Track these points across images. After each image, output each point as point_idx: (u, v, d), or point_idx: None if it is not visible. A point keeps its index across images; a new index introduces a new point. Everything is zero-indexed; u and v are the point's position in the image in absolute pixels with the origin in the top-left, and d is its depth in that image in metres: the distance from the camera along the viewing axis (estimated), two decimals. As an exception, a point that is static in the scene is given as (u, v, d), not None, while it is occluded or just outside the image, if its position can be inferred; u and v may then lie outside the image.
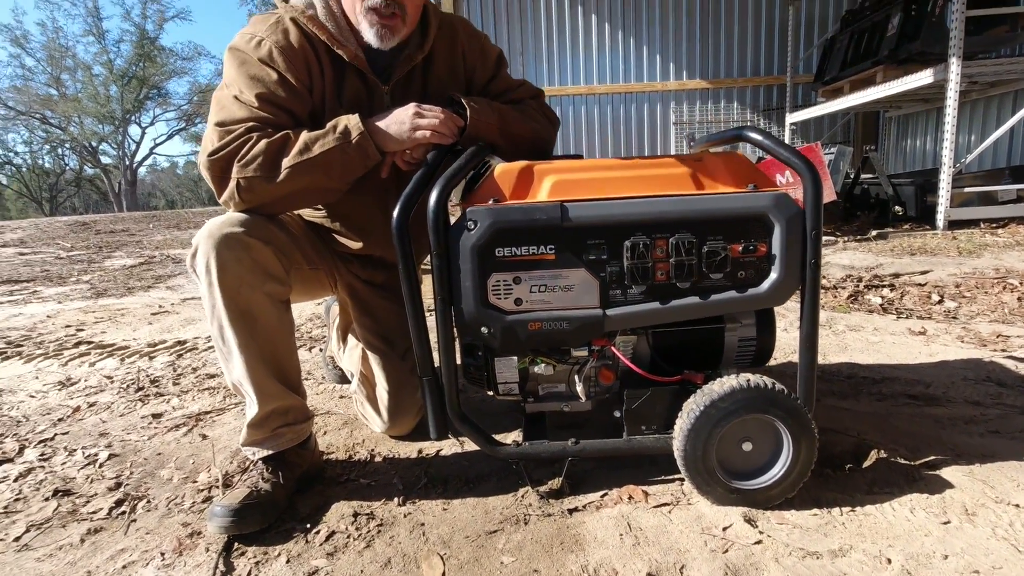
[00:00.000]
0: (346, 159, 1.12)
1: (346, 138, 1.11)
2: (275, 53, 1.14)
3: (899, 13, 4.44)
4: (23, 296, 3.83)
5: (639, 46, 7.14)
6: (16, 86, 26.22)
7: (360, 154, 1.12)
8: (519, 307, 1.09)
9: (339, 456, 1.42)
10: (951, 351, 1.96)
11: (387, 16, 1.17)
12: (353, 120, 1.13)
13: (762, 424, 1.07)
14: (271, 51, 1.14)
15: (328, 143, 1.10)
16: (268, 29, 1.16)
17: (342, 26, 1.21)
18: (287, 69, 1.14)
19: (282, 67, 1.14)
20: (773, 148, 1.09)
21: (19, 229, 8.86)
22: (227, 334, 1.12)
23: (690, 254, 1.06)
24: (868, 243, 3.96)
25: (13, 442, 1.61)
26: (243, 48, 1.15)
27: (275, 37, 1.15)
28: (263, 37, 1.15)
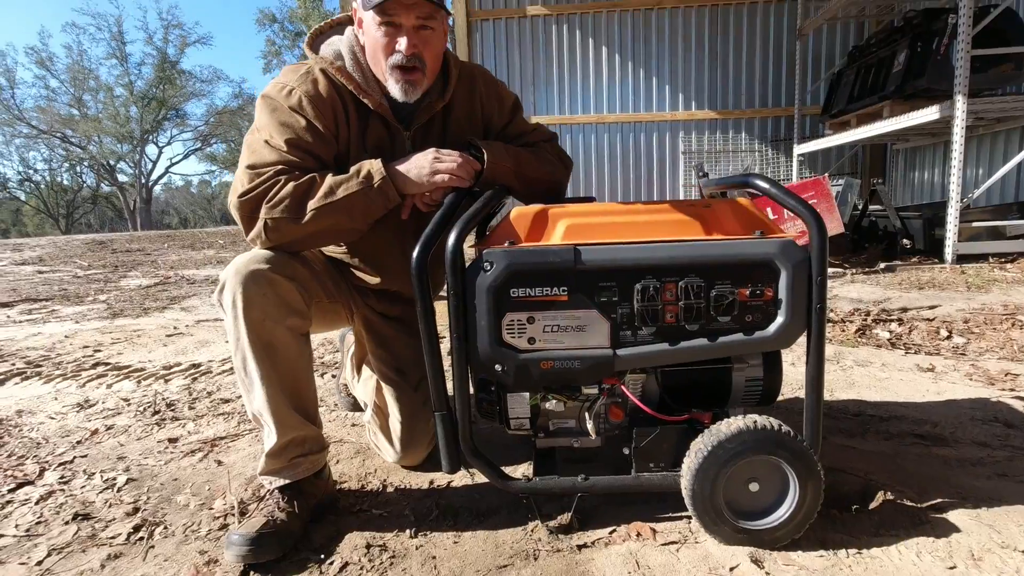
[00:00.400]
0: (368, 202, 1.17)
1: (369, 182, 1.17)
2: (304, 101, 1.20)
3: (905, 50, 4.52)
4: (42, 315, 3.91)
5: (648, 76, 7.28)
6: (40, 106, 26.97)
7: (381, 197, 1.18)
8: (532, 346, 1.12)
9: (352, 485, 1.44)
10: (959, 389, 1.97)
11: (409, 71, 1.23)
12: (376, 165, 1.18)
13: (769, 465, 1.09)
14: (301, 100, 1.20)
15: (352, 187, 1.15)
16: (299, 79, 1.23)
17: (368, 76, 1.28)
18: (315, 116, 1.21)
19: (311, 114, 1.20)
20: (780, 197, 1.14)
21: (38, 247, 9.03)
22: (250, 366, 1.16)
23: (699, 297, 1.10)
24: (876, 276, 3.98)
25: (34, 464, 1.65)
26: (275, 96, 1.21)
27: (305, 87, 1.22)
28: (294, 87, 1.21)
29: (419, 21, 1.21)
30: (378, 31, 1.21)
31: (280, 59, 26.90)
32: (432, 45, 1.25)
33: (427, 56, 1.25)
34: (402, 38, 1.21)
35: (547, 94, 7.46)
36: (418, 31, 1.22)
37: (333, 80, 1.26)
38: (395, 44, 1.21)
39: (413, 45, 1.21)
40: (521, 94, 7.45)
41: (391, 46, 1.22)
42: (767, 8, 7.08)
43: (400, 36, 1.21)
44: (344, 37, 1.33)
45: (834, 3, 5.81)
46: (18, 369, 2.60)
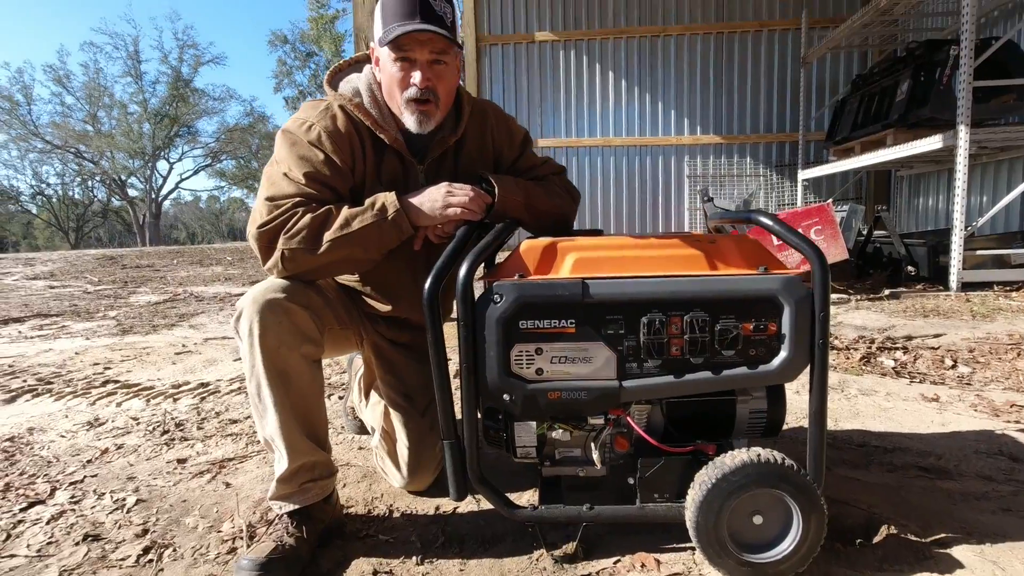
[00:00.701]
0: (382, 233, 1.21)
1: (383, 215, 1.20)
2: (323, 136, 1.25)
3: (908, 80, 4.58)
4: (52, 331, 3.95)
5: (654, 101, 7.39)
6: (55, 122, 27.47)
7: (395, 229, 1.22)
8: (540, 376, 1.14)
9: (358, 510, 1.46)
10: (964, 421, 1.97)
11: (423, 103, 1.28)
12: (390, 198, 1.22)
13: (772, 498, 1.11)
14: (320, 135, 1.25)
15: (367, 219, 1.19)
16: (319, 115, 1.27)
17: (384, 112, 1.33)
18: (333, 151, 1.25)
19: (329, 149, 1.25)
20: (783, 233, 1.17)
21: (49, 262, 9.14)
22: (264, 392, 1.19)
23: (703, 331, 1.12)
24: (881, 303, 3.99)
25: (44, 483, 1.67)
26: (295, 131, 1.26)
27: (324, 122, 1.26)
28: (313, 122, 1.26)
29: (432, 56, 1.26)
30: (393, 66, 1.26)
31: (291, 79, 27.41)
32: (445, 79, 1.30)
33: (440, 90, 1.29)
34: (416, 72, 1.26)
35: (554, 117, 7.57)
36: (432, 65, 1.27)
37: (351, 116, 1.31)
38: (410, 78, 1.26)
39: (427, 79, 1.26)
40: (529, 117, 7.58)
41: (406, 80, 1.27)
42: (771, 36, 7.21)
43: (414, 71, 1.26)
44: (362, 75, 1.38)
45: (837, 33, 5.91)
46: (29, 386, 2.63)
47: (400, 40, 1.22)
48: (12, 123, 26.80)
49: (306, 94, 27.01)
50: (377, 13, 1.30)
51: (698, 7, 7.22)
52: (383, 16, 1.26)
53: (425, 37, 1.23)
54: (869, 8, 5.17)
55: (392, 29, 1.22)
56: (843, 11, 6.99)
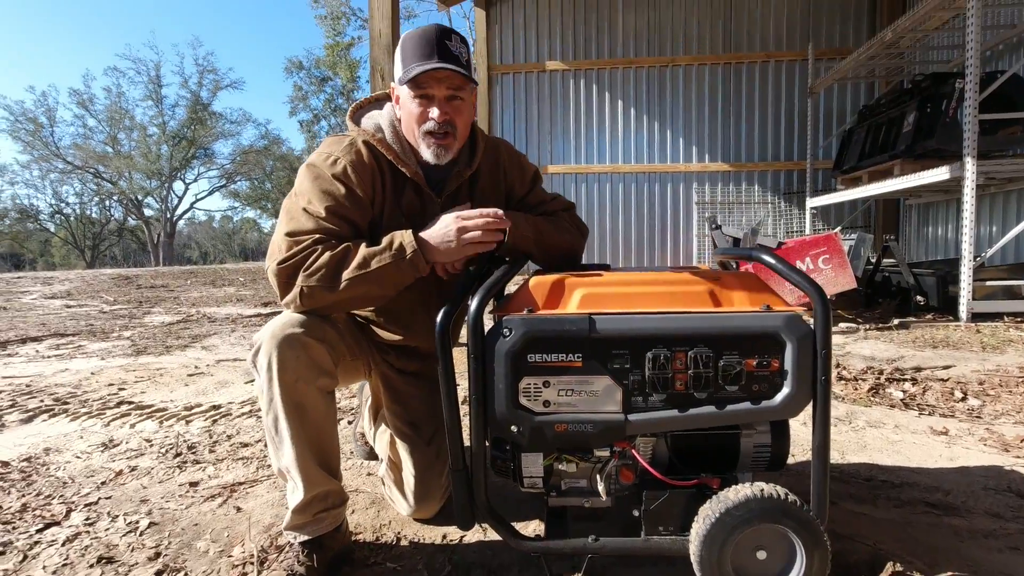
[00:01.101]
0: (400, 272, 1.25)
1: (401, 254, 1.24)
2: (348, 170, 1.31)
3: (914, 111, 4.64)
4: (69, 350, 4.03)
5: (663, 129, 7.49)
6: (76, 143, 28.18)
7: (412, 268, 1.26)
8: (547, 409, 1.17)
9: (367, 537, 1.48)
10: (973, 455, 1.96)
11: (442, 136, 1.34)
12: (407, 237, 1.26)
13: (776, 534, 1.12)
14: (345, 168, 1.31)
15: (385, 259, 1.23)
16: (343, 149, 1.34)
17: (405, 147, 1.39)
18: (357, 184, 1.31)
19: (353, 182, 1.30)
20: (785, 272, 1.20)
21: (67, 281, 9.31)
22: (281, 425, 1.22)
23: (707, 367, 1.15)
24: (890, 332, 3.98)
25: (60, 504, 1.70)
26: (319, 165, 1.32)
27: (349, 157, 1.32)
28: (339, 156, 1.32)
29: (450, 92, 1.33)
30: (413, 103, 1.33)
31: (306, 103, 27.98)
32: (463, 113, 1.37)
33: (458, 123, 1.36)
34: (434, 108, 1.32)
35: (564, 144, 7.68)
36: (449, 101, 1.34)
37: (374, 150, 1.37)
38: (428, 113, 1.33)
39: (445, 113, 1.33)
40: (539, 144, 7.70)
41: (424, 115, 1.33)
42: (779, 66, 7.32)
43: (432, 106, 1.32)
44: (383, 112, 1.44)
45: (844, 65, 6.00)
46: (46, 406, 2.68)
47: (419, 78, 1.29)
48: (35, 144, 27.54)
49: (320, 118, 27.58)
50: (397, 55, 1.37)
51: (706, 38, 7.37)
52: (403, 57, 1.33)
53: (443, 75, 1.30)
54: (874, 41, 5.26)
55: (411, 68, 1.29)
56: (849, 43, 7.10)
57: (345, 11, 23.35)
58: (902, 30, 4.90)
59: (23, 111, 27.19)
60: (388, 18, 3.63)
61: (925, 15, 4.60)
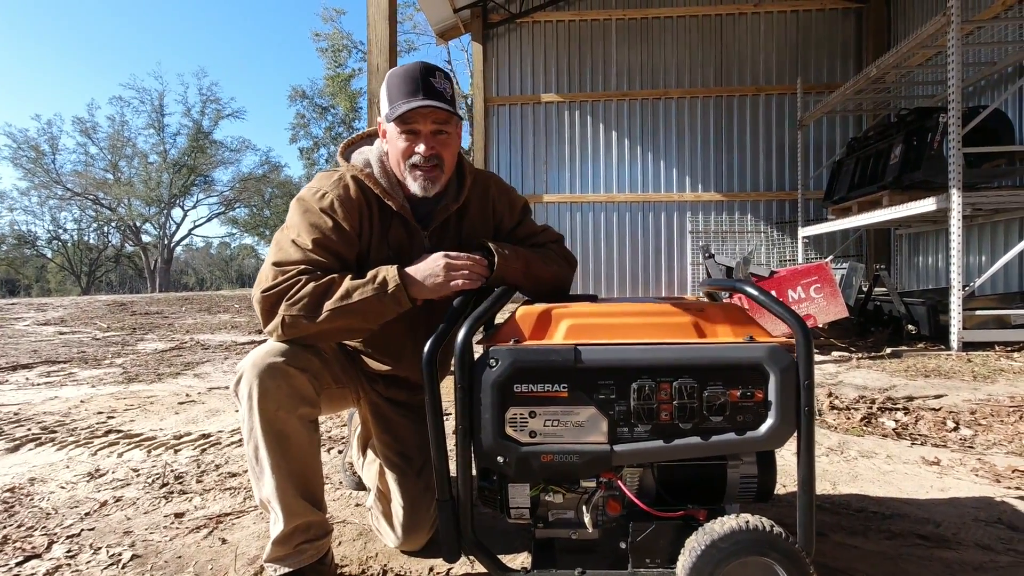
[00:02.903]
0: (382, 307, 1.25)
1: (383, 289, 1.24)
2: (336, 204, 1.33)
3: (901, 144, 4.74)
4: (59, 378, 4.00)
5: (656, 159, 7.62)
6: (77, 170, 28.42)
7: (394, 303, 1.26)
8: (533, 439, 1.18)
9: (352, 570, 1.46)
10: (964, 486, 1.96)
11: (428, 169, 1.37)
12: (391, 272, 1.27)
13: (762, 566, 1.11)
14: (332, 202, 1.33)
15: (367, 292, 1.24)
16: (332, 184, 1.36)
17: (392, 182, 1.42)
18: (344, 218, 1.33)
19: (340, 216, 1.33)
20: (768, 304, 1.22)
21: (61, 307, 9.28)
22: (261, 455, 1.22)
23: (692, 398, 1.16)
24: (882, 361, 3.99)
25: (42, 536, 1.68)
26: (308, 199, 1.35)
27: (337, 191, 1.35)
28: (327, 191, 1.35)
29: (435, 126, 1.37)
30: (400, 138, 1.36)
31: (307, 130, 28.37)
32: (449, 146, 1.40)
33: (445, 155, 1.39)
34: (420, 144, 1.36)
35: (559, 174, 7.80)
36: (435, 136, 1.37)
37: (362, 185, 1.40)
38: (415, 148, 1.36)
39: (431, 147, 1.36)
40: (535, 174, 7.82)
41: (411, 150, 1.36)
42: (769, 99, 7.49)
43: (419, 142, 1.36)
44: (373, 148, 1.48)
45: (831, 99, 6.15)
46: (33, 435, 2.66)
47: (406, 115, 1.33)
48: (36, 171, 27.76)
49: (320, 145, 27.91)
50: (383, 93, 1.41)
51: (698, 72, 7.56)
52: (389, 95, 1.37)
53: (428, 111, 1.34)
54: (859, 77, 5.41)
55: (398, 106, 1.33)
56: (837, 78, 7.30)
57: (347, 43, 23.89)
58: (886, 67, 5.05)
59: (25, 139, 27.51)
60: (386, 52, 3.72)
61: (908, 52, 4.74)
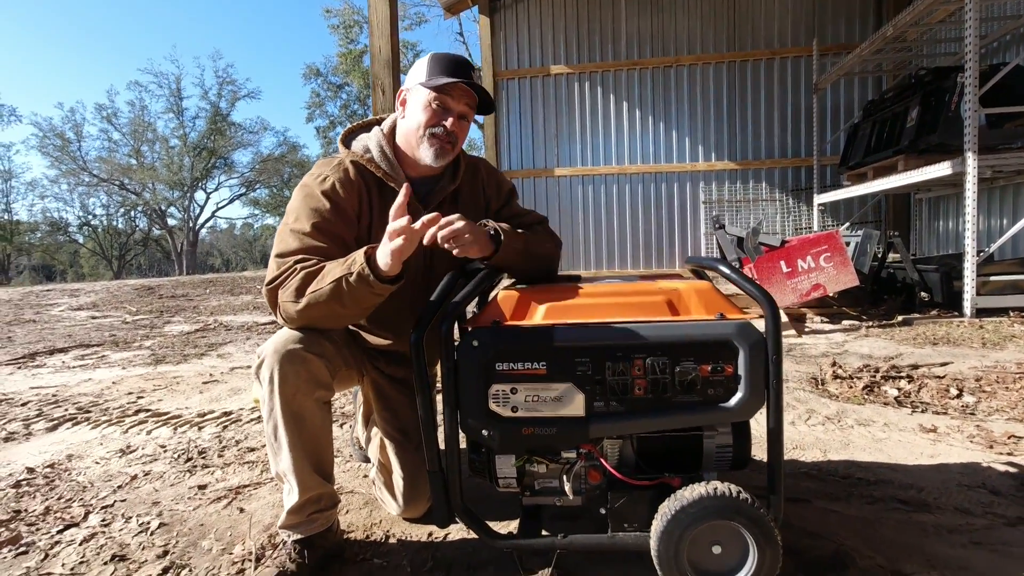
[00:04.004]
0: (352, 290, 1.24)
1: (349, 270, 1.25)
2: (337, 186, 1.41)
3: (918, 106, 4.61)
4: (93, 360, 4.21)
5: (668, 129, 7.50)
6: (102, 157, 29.02)
7: (362, 283, 1.23)
8: (515, 414, 1.25)
9: (358, 535, 1.57)
10: (955, 453, 1.99)
11: (446, 140, 1.46)
12: (360, 253, 1.26)
13: (729, 530, 1.18)
14: (333, 185, 1.41)
15: (335, 274, 1.25)
16: (332, 169, 1.44)
17: (393, 165, 1.49)
18: (344, 200, 1.41)
19: (341, 198, 1.41)
20: (738, 282, 1.27)
21: (92, 292, 9.63)
22: (280, 433, 1.32)
23: (664, 373, 1.22)
24: (891, 330, 3.97)
25: (79, 507, 1.83)
26: (310, 184, 1.43)
27: (337, 175, 1.43)
28: (328, 175, 1.43)
29: (464, 108, 1.46)
30: (429, 107, 1.43)
31: (323, 109, 28.41)
32: (464, 132, 1.50)
33: (460, 138, 1.49)
34: (449, 119, 1.45)
35: (570, 147, 7.74)
36: (460, 120, 1.47)
37: (362, 170, 1.48)
38: (443, 120, 1.44)
39: (455, 126, 1.45)
40: (545, 147, 7.78)
41: (436, 119, 1.44)
42: (784, 63, 7.28)
43: (448, 117, 1.45)
44: (371, 135, 1.54)
45: (848, 60, 5.96)
46: (70, 415, 2.84)
47: (447, 87, 1.41)
48: (63, 159, 28.43)
49: (336, 123, 27.94)
50: (423, 64, 1.47)
51: (710, 37, 7.37)
52: (430, 68, 1.44)
53: (464, 91, 1.43)
54: (876, 37, 5.23)
55: (440, 78, 1.41)
56: (855, 38, 7.04)
57: (357, 19, 23.65)
58: (903, 25, 4.87)
59: (51, 127, 28.12)
60: (387, 35, 3.74)
61: (927, 9, 4.57)
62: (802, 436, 2.21)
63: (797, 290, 4.16)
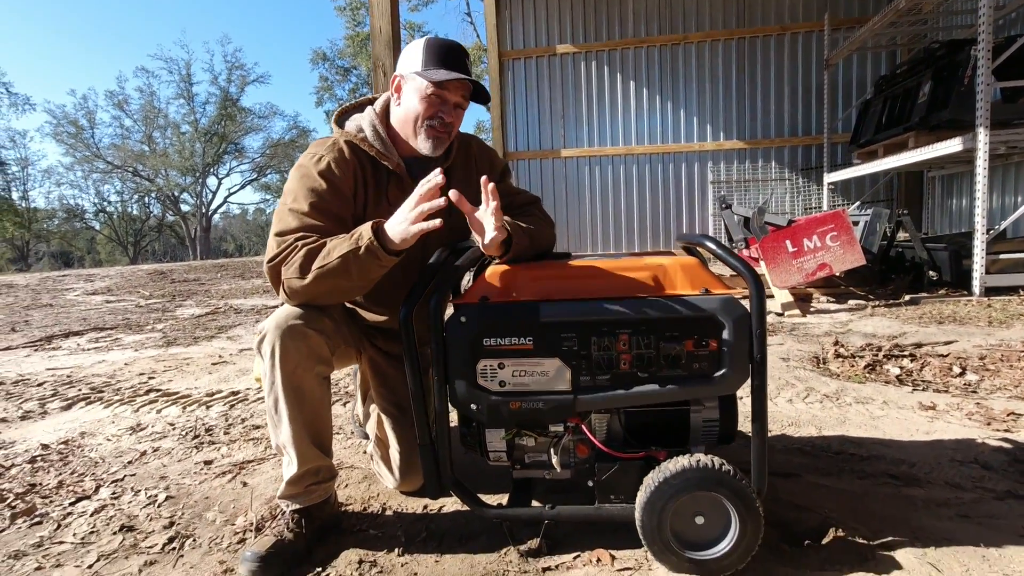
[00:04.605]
0: (360, 263, 1.29)
1: (358, 244, 1.28)
2: (332, 166, 1.43)
3: (930, 81, 4.51)
4: (107, 343, 4.31)
5: (676, 108, 7.40)
6: (115, 144, 29.27)
7: (371, 257, 1.29)
8: (503, 388, 1.28)
9: (355, 508, 1.62)
10: (951, 430, 1.99)
11: (442, 131, 1.47)
12: (367, 228, 1.30)
13: (712, 501, 1.21)
14: (329, 164, 1.43)
15: (343, 248, 1.29)
16: (327, 149, 1.46)
17: (387, 144, 1.51)
18: (339, 178, 1.43)
19: (337, 177, 1.43)
20: (725, 258, 1.27)
21: (107, 277, 9.79)
22: (280, 406, 1.36)
23: (648, 348, 1.24)
24: (898, 309, 3.94)
25: (91, 481, 1.90)
26: (306, 164, 1.45)
27: (332, 154, 1.45)
28: (323, 154, 1.45)
29: (459, 99, 1.47)
30: (426, 98, 1.44)
31: (331, 93, 28.35)
32: (459, 121, 1.52)
33: (456, 127, 1.52)
34: (446, 111, 1.46)
35: (577, 128, 7.67)
36: (455, 109, 1.48)
37: (356, 149, 1.49)
38: (439, 112, 1.46)
39: (451, 117, 1.48)
40: (552, 128, 7.72)
41: (433, 111, 1.45)
42: (794, 39, 7.13)
43: (445, 109, 1.46)
44: (365, 115, 1.55)
45: (861, 34, 5.83)
46: (83, 394, 2.92)
47: (445, 83, 1.42)
48: (77, 146, 28.72)
49: (346, 108, 27.82)
50: (418, 51, 1.46)
51: (718, 13, 7.22)
52: (427, 56, 1.44)
53: (461, 84, 1.45)
54: (890, 9, 5.10)
55: (438, 72, 1.41)
56: (869, 11, 6.86)
57: (363, 1, 23.44)
58: (917, -4, 4.75)
59: (64, 114, 28.36)
60: (388, 15, 3.72)
61: (942, -21, 4.45)
62: (798, 413, 2.22)
63: (803, 270, 4.12)
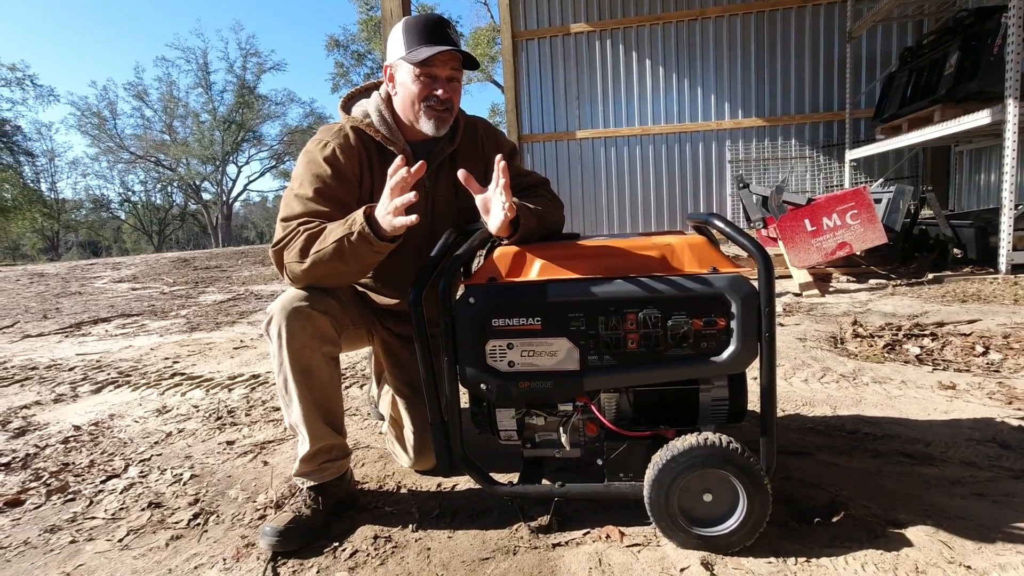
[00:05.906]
0: (352, 248, 1.29)
1: (351, 230, 1.29)
2: (337, 151, 1.45)
3: (957, 51, 4.35)
4: (133, 329, 4.43)
5: (693, 86, 7.26)
6: (137, 134, 29.74)
7: (363, 242, 1.27)
8: (512, 368, 1.30)
9: (371, 486, 1.66)
10: (971, 409, 1.97)
11: (442, 110, 1.47)
12: (360, 213, 1.30)
13: (719, 478, 1.22)
14: (334, 150, 1.45)
15: (338, 233, 1.30)
16: (333, 135, 1.48)
17: (392, 129, 1.52)
18: (345, 164, 1.45)
19: (341, 162, 1.44)
20: (732, 235, 1.26)
21: (132, 265, 10.02)
22: (290, 386, 1.40)
23: (656, 327, 1.24)
24: (920, 288, 3.86)
25: (120, 460, 1.98)
26: (312, 150, 1.47)
27: (338, 140, 1.47)
28: (328, 140, 1.46)
29: (451, 72, 1.46)
30: (417, 80, 1.44)
31: (347, 79, 28.35)
32: (458, 93, 1.51)
33: (455, 100, 1.51)
34: (439, 88, 1.45)
35: (592, 108, 7.58)
36: (449, 82, 1.47)
37: (362, 135, 1.51)
38: (433, 90, 1.45)
39: (447, 92, 1.46)
40: (567, 109, 7.63)
41: (427, 91, 1.45)
42: (816, 11, 6.92)
43: (437, 86, 1.45)
44: (371, 100, 1.56)
45: (886, 3, 5.63)
46: (112, 378, 3.02)
47: (430, 59, 1.41)
48: (101, 137, 29.24)
49: (361, 94, 27.84)
50: (399, 35, 1.46)
51: (737, -14, 7.03)
52: (407, 39, 1.44)
53: (447, 56, 1.43)
54: (916, -23, 4.91)
55: (420, 51, 1.41)
56: (895, -21, 6.61)
57: (377, -16, 23.27)
58: (946, -37, 4.56)
59: (87, 106, 28.84)
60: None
61: (971, -56, 4.27)
62: (813, 393, 2.20)
63: (822, 249, 4.06)
